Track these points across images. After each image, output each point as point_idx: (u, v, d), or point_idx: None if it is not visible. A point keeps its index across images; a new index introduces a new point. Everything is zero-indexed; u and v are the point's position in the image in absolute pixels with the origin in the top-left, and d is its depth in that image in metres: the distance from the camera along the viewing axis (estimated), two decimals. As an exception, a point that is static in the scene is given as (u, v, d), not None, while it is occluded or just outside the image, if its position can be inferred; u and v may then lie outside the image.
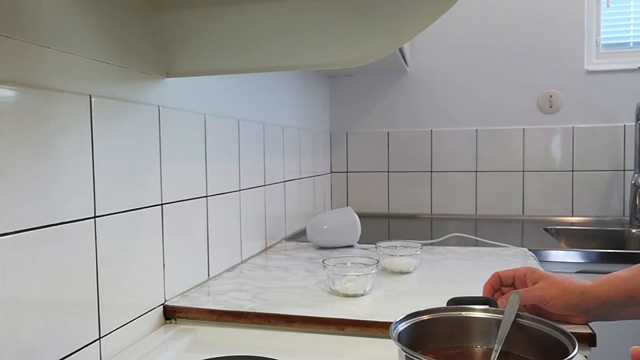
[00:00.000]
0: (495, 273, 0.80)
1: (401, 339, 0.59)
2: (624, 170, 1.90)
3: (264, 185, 1.36)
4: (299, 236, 1.57)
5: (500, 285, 0.80)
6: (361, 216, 1.41)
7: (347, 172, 2.16)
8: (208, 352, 0.72)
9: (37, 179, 0.59)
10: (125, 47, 0.77)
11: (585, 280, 0.74)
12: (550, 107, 1.96)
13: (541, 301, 0.73)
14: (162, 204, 0.86)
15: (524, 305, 0.75)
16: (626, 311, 0.73)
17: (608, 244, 1.72)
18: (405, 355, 0.54)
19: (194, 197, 0.98)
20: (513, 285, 0.79)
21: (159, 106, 0.86)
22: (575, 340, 0.56)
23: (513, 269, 0.80)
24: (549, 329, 0.61)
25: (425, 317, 0.65)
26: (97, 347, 0.70)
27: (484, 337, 0.65)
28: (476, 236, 1.55)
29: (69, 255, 0.64)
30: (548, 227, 1.77)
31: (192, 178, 0.98)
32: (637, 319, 0.73)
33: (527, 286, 0.76)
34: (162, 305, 0.87)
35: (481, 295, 0.79)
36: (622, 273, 0.74)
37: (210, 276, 1.05)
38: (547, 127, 1.96)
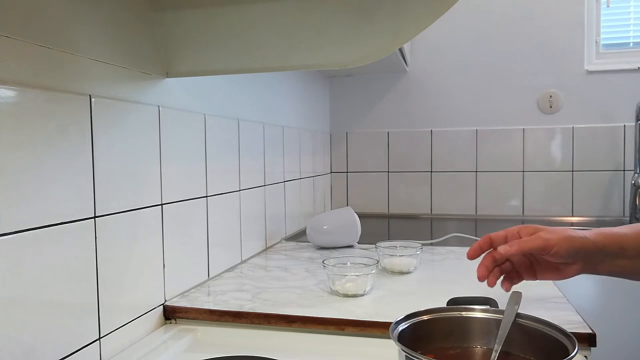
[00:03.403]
0: (487, 235, 0.78)
1: (401, 339, 0.59)
2: (624, 170, 1.90)
3: (264, 185, 1.36)
4: (299, 236, 1.57)
5: (490, 247, 0.78)
6: (361, 216, 1.41)
7: (347, 172, 2.16)
8: (208, 352, 0.72)
9: (37, 179, 0.59)
10: (126, 47, 0.77)
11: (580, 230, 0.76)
12: (550, 107, 1.96)
13: (546, 246, 0.71)
14: (162, 204, 0.86)
15: (529, 255, 0.76)
16: (615, 263, 0.75)
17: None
18: (405, 355, 0.54)
19: (194, 197, 0.98)
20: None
21: (159, 106, 0.86)
22: (575, 340, 0.56)
23: (505, 230, 0.78)
24: (549, 329, 0.61)
25: (425, 317, 0.65)
26: (97, 347, 0.70)
27: (484, 337, 0.65)
28: (476, 236, 1.54)
29: (69, 255, 0.64)
30: (548, 227, 1.76)
31: (192, 178, 0.98)
32: (622, 275, 0.76)
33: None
34: (162, 306, 0.87)
35: (470, 254, 0.78)
36: (620, 228, 0.76)
37: (210, 276, 1.05)
38: (547, 127, 1.96)
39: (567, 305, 0.85)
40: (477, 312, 0.66)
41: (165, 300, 0.88)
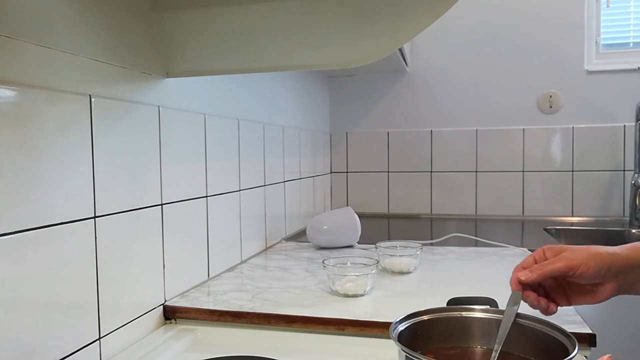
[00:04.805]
0: (518, 265, 0.73)
1: (401, 339, 0.59)
2: (624, 170, 1.90)
3: (264, 186, 1.36)
4: (299, 236, 1.57)
5: None
6: (361, 216, 1.41)
7: (347, 172, 2.16)
8: (208, 352, 0.72)
9: (37, 179, 0.59)
10: (126, 47, 0.77)
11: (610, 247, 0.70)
12: (550, 107, 1.95)
13: (570, 267, 0.67)
14: (162, 204, 0.86)
15: (553, 278, 0.70)
16: None
17: (608, 244, 1.69)
18: (405, 356, 0.54)
19: (194, 197, 0.98)
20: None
21: (159, 106, 0.86)
22: (575, 340, 0.56)
23: (531, 255, 0.73)
24: (549, 329, 0.61)
25: (425, 317, 0.65)
26: (97, 347, 0.70)
27: (484, 337, 0.65)
28: (476, 236, 1.54)
29: (69, 255, 0.64)
30: (548, 227, 1.76)
31: (192, 178, 0.98)
32: None
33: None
34: (162, 306, 0.87)
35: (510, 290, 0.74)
36: None
37: (210, 276, 1.05)
38: (547, 127, 1.96)
39: (567, 305, 0.85)
40: (477, 312, 0.66)
41: (165, 300, 0.88)
